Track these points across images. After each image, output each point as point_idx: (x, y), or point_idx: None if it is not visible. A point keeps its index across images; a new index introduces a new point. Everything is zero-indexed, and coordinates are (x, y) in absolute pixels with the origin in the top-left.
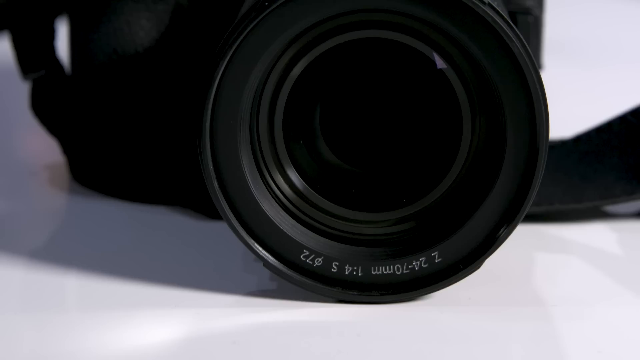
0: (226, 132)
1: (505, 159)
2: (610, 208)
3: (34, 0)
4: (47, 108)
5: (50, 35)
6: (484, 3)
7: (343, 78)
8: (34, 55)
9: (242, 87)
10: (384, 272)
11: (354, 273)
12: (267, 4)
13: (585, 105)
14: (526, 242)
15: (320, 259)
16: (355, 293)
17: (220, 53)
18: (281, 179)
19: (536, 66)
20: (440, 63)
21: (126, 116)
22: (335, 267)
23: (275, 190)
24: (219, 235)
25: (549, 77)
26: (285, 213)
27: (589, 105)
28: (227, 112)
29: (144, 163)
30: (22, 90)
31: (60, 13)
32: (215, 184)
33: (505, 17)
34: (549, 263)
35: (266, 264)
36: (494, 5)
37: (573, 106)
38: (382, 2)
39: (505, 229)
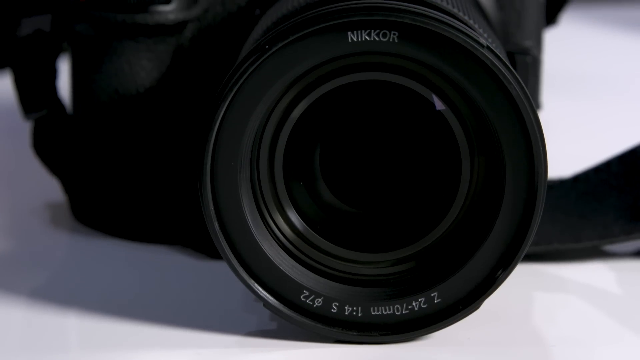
0: (227, 173)
1: (504, 200)
2: (609, 247)
3: (36, 40)
4: (48, 148)
5: (52, 75)
6: (482, 46)
7: (343, 119)
8: (35, 95)
9: (243, 129)
10: (384, 313)
11: (354, 313)
12: (267, 47)
13: (584, 139)
14: (525, 281)
15: (320, 300)
16: (355, 333)
17: (221, 95)
18: (281, 220)
19: (534, 108)
20: (439, 105)
21: (127, 156)
22: (335, 307)
23: (276, 231)
24: (219, 275)
25: (547, 111)
26: (285, 254)
27: (587, 139)
28: (227, 154)
29: (144, 203)
30: (23, 128)
31: (62, 51)
32: (216, 224)
33: (504, 59)
34: (548, 303)
35: (266, 304)
36: (492, 47)
37: (572, 141)
38: (381, 45)
39: (504, 269)
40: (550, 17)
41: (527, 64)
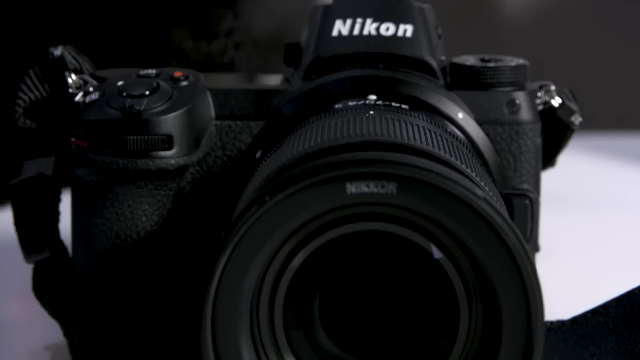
0: (227, 322)
1: (501, 347)
2: None
3: (38, 184)
4: (48, 291)
5: (53, 219)
6: (479, 197)
7: (341, 268)
8: (36, 239)
9: (243, 278)
10: None
11: None
12: (267, 198)
13: (582, 272)
14: None
15: None
16: None
17: (222, 245)
18: None
19: (531, 259)
20: (436, 253)
21: (128, 301)
22: None
23: None
24: None
25: (543, 236)
26: None
27: (585, 271)
28: (228, 303)
29: (145, 346)
30: (23, 268)
31: (64, 185)
32: None
33: (500, 210)
34: None
35: None
36: (488, 198)
37: (570, 279)
38: (379, 196)
39: None
40: (548, 160)
41: (525, 206)
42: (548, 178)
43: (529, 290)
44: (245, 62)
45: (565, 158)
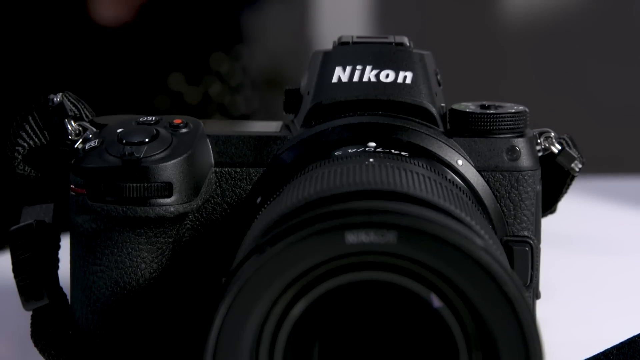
0: None
1: None
2: None
3: (36, 231)
4: (47, 338)
5: (53, 266)
6: (479, 247)
7: (342, 317)
8: (35, 286)
9: (242, 329)
10: None
11: None
12: (267, 247)
13: (582, 316)
14: None
15: None
16: None
17: (222, 294)
18: None
19: (531, 308)
20: (436, 302)
21: (127, 349)
22: None
23: None
24: None
25: (545, 278)
26: None
27: (586, 315)
28: (227, 352)
29: None
30: (22, 315)
31: (63, 231)
32: None
33: (500, 259)
34: None
35: None
36: (488, 247)
37: (570, 325)
38: (379, 246)
39: None
40: (548, 206)
41: (525, 253)
42: (548, 221)
43: (528, 340)
44: (244, 104)
45: (565, 201)
